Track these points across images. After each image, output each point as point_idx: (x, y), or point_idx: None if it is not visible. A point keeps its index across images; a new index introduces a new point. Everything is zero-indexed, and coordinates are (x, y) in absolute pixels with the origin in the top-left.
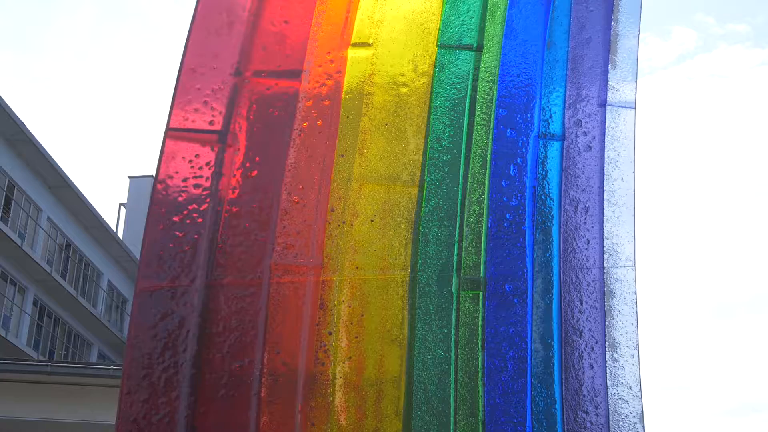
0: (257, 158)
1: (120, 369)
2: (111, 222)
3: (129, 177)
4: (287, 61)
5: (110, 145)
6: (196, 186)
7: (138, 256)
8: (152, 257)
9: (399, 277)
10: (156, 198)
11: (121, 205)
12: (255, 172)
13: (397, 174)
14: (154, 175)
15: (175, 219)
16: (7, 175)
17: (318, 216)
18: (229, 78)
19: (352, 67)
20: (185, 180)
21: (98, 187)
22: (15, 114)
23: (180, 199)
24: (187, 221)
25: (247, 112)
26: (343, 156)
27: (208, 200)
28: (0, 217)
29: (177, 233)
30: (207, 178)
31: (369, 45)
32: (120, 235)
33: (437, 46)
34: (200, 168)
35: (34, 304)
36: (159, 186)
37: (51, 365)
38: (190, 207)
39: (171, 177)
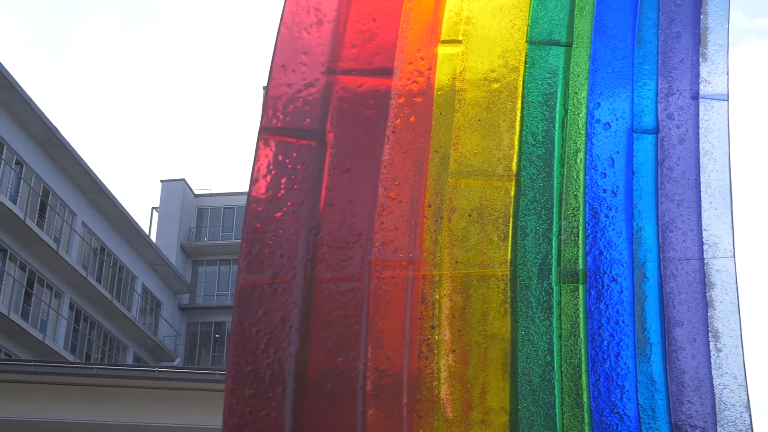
0: (351, 155)
1: (163, 370)
2: (144, 226)
3: (161, 181)
4: (377, 59)
5: (142, 149)
6: (292, 183)
7: (170, 260)
8: (252, 255)
9: (499, 271)
10: (253, 196)
11: (153, 208)
12: (350, 169)
13: (493, 169)
14: (250, 174)
15: (275, 216)
16: (42, 181)
17: (415, 212)
18: (320, 76)
19: (442, 64)
20: (281, 178)
21: (131, 191)
22: (48, 119)
23: (277, 197)
24: (286, 218)
25: (339, 110)
26: (437, 152)
27: (304, 197)
28: (36, 222)
29: (277, 230)
30: (302, 176)
31: (459, 42)
32: (153, 238)
33: (527, 41)
34: (295, 166)
35: (70, 308)
36: (255, 185)
37: (97, 368)
38: (287, 204)
39: (266, 176)
